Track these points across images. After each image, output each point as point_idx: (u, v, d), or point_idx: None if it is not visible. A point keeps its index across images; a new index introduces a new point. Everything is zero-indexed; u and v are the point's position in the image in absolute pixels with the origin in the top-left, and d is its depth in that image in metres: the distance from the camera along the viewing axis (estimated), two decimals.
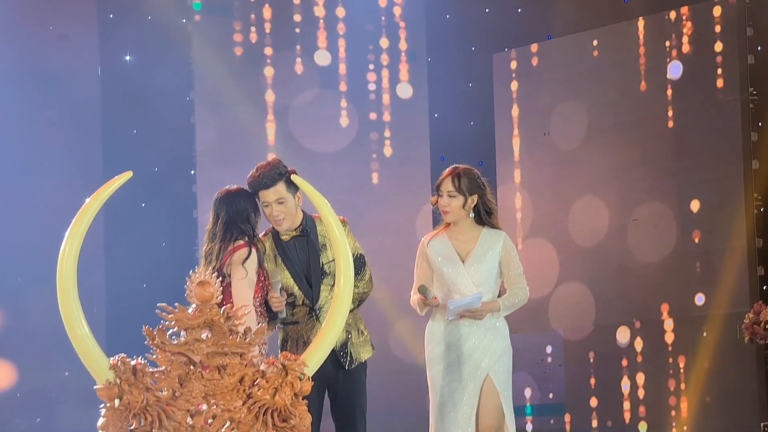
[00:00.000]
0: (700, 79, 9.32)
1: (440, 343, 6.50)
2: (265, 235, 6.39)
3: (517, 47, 10.30)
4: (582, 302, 9.81)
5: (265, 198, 6.22)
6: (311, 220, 6.36)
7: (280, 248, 6.30)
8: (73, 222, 5.03)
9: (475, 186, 6.50)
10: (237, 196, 6.11)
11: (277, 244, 6.31)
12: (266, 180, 6.20)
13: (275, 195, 6.21)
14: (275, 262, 6.29)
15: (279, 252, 6.29)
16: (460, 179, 6.48)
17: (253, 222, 6.09)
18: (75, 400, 8.96)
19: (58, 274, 4.95)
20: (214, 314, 4.93)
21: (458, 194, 6.48)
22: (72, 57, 9.48)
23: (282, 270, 6.29)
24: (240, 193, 6.12)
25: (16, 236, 9.18)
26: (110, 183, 5.14)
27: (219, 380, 4.89)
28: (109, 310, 9.28)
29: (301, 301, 6.28)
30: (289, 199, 6.24)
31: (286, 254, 6.28)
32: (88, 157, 9.43)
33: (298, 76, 10.09)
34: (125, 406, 4.81)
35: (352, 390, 6.32)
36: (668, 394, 9.36)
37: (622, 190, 9.68)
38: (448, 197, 6.49)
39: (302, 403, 5.00)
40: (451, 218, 6.52)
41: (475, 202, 6.51)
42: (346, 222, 6.35)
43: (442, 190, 6.51)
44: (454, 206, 6.49)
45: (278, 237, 6.31)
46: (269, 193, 6.20)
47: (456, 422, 6.41)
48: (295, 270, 6.28)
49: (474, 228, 6.56)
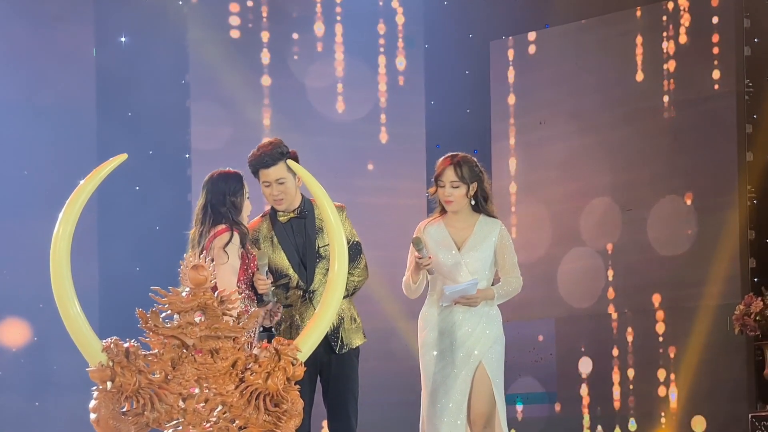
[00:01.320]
0: (696, 69, 9.32)
1: (434, 329, 6.51)
2: (262, 216, 6.40)
3: (515, 35, 10.29)
4: (574, 292, 9.82)
5: (266, 177, 6.23)
6: (309, 204, 6.36)
7: (277, 229, 6.30)
8: (66, 203, 5.02)
9: (474, 174, 6.51)
10: (220, 179, 6.07)
11: (274, 225, 6.31)
12: (267, 159, 6.21)
13: (276, 174, 6.22)
14: (271, 242, 6.30)
15: (276, 233, 6.29)
16: (461, 168, 6.47)
17: (238, 205, 6.04)
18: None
19: (52, 255, 4.94)
20: (208, 298, 4.93)
21: (461, 183, 6.47)
22: (67, 38, 9.45)
23: (278, 251, 6.29)
24: (223, 176, 6.08)
25: (9, 218, 9.16)
26: (105, 165, 5.14)
27: (212, 364, 4.89)
28: (102, 294, 9.27)
29: (296, 283, 6.29)
30: (290, 179, 6.25)
31: (283, 235, 6.29)
32: (82, 139, 9.41)
33: (294, 61, 10.07)
34: (117, 388, 4.81)
35: (345, 375, 6.33)
36: (658, 383, 9.37)
37: (616, 180, 9.68)
38: (451, 187, 6.47)
39: (294, 387, 5.00)
40: (455, 207, 6.51)
41: (475, 189, 6.51)
42: (344, 208, 6.36)
43: (443, 181, 6.49)
44: (458, 196, 6.48)
45: (276, 218, 6.31)
46: (270, 172, 6.22)
47: (447, 409, 6.42)
48: (291, 252, 6.28)
49: (471, 216, 6.56)
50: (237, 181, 6.08)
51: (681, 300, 9.32)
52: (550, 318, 9.90)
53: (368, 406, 6.86)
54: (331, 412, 6.38)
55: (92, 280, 9.23)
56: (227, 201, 6.00)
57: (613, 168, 9.70)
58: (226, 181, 6.06)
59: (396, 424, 9.12)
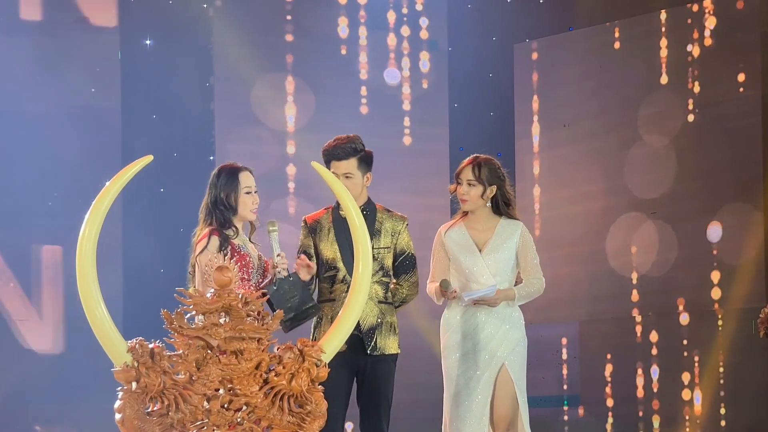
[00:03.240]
0: (721, 72, 9.29)
1: (456, 332, 6.51)
2: (326, 208, 6.47)
3: (539, 38, 10.28)
4: (598, 295, 9.80)
5: (335, 169, 6.31)
6: (373, 206, 6.45)
7: (336, 222, 6.38)
8: (92, 205, 5.05)
9: (494, 176, 6.51)
10: (218, 176, 6.05)
11: (335, 218, 6.39)
12: (339, 152, 6.32)
13: (344, 168, 6.31)
14: (328, 234, 6.36)
15: (334, 225, 6.36)
16: (480, 168, 6.49)
17: (233, 202, 5.98)
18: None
19: (78, 256, 4.96)
20: (232, 299, 4.94)
21: (477, 183, 6.49)
22: (92, 41, 9.50)
23: (332, 243, 6.35)
24: (221, 172, 6.06)
25: (36, 219, 9.21)
26: (130, 167, 5.16)
27: (236, 365, 4.90)
28: (127, 295, 9.31)
29: (342, 277, 6.33)
30: (357, 176, 6.35)
31: (340, 229, 6.36)
32: (107, 142, 9.45)
33: (318, 63, 10.09)
34: (142, 388, 4.82)
35: (380, 378, 6.37)
36: (682, 387, 9.35)
37: (640, 183, 9.66)
38: (467, 186, 6.50)
39: (318, 389, 5.01)
40: (468, 207, 6.53)
41: (494, 192, 6.52)
42: (405, 219, 6.48)
43: (461, 179, 6.52)
44: (472, 195, 6.50)
45: (337, 212, 6.39)
46: (339, 165, 6.31)
47: (470, 411, 6.42)
48: (344, 246, 6.34)
49: (491, 218, 6.56)
50: (232, 178, 6.02)
51: (705, 303, 9.29)
52: (573, 321, 9.88)
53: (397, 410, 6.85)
54: (364, 414, 6.41)
55: (117, 281, 9.27)
56: (221, 200, 6.01)
57: (636, 170, 9.68)
58: (222, 178, 6.04)
59: (421, 424, 9.12)
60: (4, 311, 9.27)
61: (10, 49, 9.22)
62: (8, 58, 9.23)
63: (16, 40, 9.25)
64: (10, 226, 9.20)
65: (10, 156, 9.23)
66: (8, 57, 9.23)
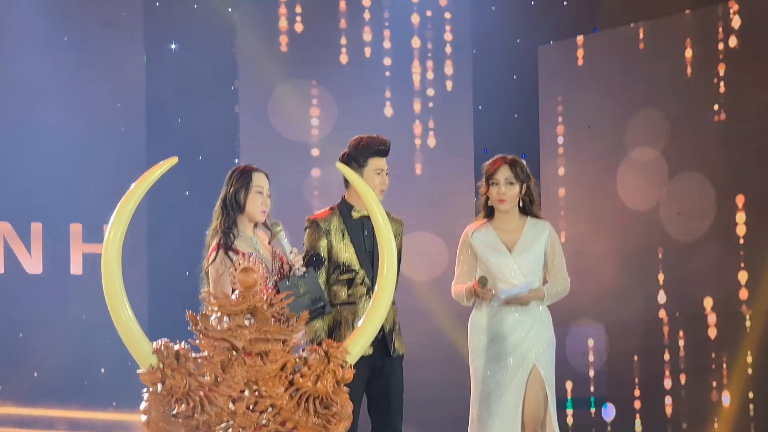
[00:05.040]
0: (747, 73, 9.24)
1: (484, 333, 6.49)
2: (331, 209, 6.44)
3: (563, 40, 10.26)
4: (624, 295, 9.76)
5: (380, 165, 6.31)
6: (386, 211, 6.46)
7: (349, 224, 6.35)
8: (118, 207, 5.05)
9: (526, 173, 6.50)
10: (231, 176, 6.04)
11: (346, 219, 6.36)
12: (387, 148, 6.33)
13: (385, 165, 6.33)
14: (342, 236, 6.34)
15: (347, 227, 6.33)
16: (516, 166, 6.46)
17: (240, 201, 5.93)
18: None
19: (103, 258, 4.97)
20: (257, 300, 4.94)
21: (516, 182, 6.46)
22: (117, 45, 9.53)
23: (348, 245, 6.33)
24: (234, 173, 6.06)
25: (62, 222, 9.24)
26: (155, 168, 5.16)
27: (261, 366, 4.89)
28: (152, 298, 9.33)
29: (361, 279, 6.32)
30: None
31: (355, 231, 6.34)
32: (132, 146, 9.48)
33: (343, 66, 10.09)
34: (168, 390, 4.82)
35: (398, 378, 6.38)
36: (711, 389, 9.30)
37: (666, 184, 9.62)
38: (506, 185, 6.45)
39: (344, 390, 5.00)
40: (507, 207, 6.47)
41: (525, 190, 6.50)
42: (402, 223, 6.46)
43: (498, 179, 6.46)
44: (511, 194, 6.46)
45: (348, 214, 6.36)
46: (383, 161, 6.32)
47: (502, 413, 6.39)
48: (361, 248, 6.32)
49: (518, 218, 6.54)
50: (245, 176, 5.98)
51: (733, 304, 9.24)
52: (601, 323, 9.85)
53: (415, 409, 6.86)
54: (380, 413, 6.40)
55: (142, 283, 9.29)
56: (230, 197, 5.99)
57: (662, 171, 9.65)
58: (235, 176, 6.00)
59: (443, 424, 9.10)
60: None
61: (36, 53, 9.26)
62: (34, 61, 9.26)
63: (41, 44, 9.28)
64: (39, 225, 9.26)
65: (36, 161, 9.27)
66: (34, 61, 9.27)
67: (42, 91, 9.25)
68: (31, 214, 9.32)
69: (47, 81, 9.24)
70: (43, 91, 9.25)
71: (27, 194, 9.26)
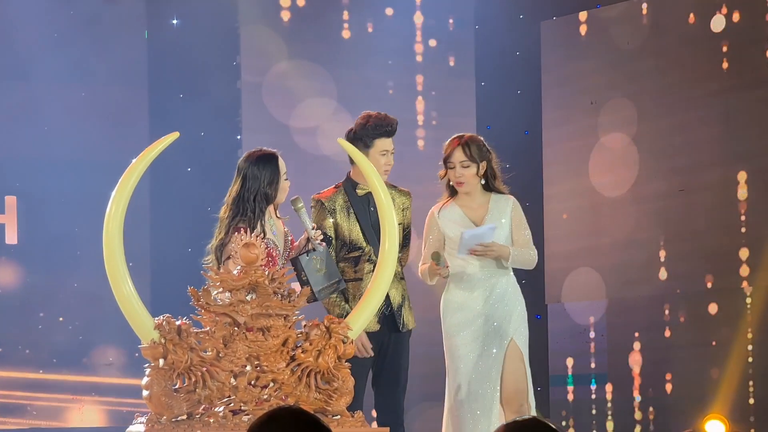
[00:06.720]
0: (750, 48, 9.22)
1: (457, 311, 6.51)
2: (336, 187, 6.46)
3: (566, 15, 10.23)
4: (625, 273, 9.77)
5: (386, 146, 6.34)
6: (390, 187, 6.46)
7: (354, 201, 6.37)
8: (119, 182, 5.06)
9: (483, 153, 6.54)
10: (258, 165, 5.91)
11: (351, 197, 6.38)
12: (393, 128, 6.35)
13: (392, 145, 6.38)
14: (347, 213, 6.36)
15: (352, 204, 6.35)
16: (470, 147, 6.50)
17: (271, 194, 5.87)
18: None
19: (105, 234, 4.98)
20: (259, 276, 4.95)
21: (471, 163, 6.50)
22: (119, 21, 9.51)
23: (353, 222, 6.36)
24: (261, 161, 5.93)
25: (62, 197, 9.25)
26: (156, 144, 5.18)
27: (263, 342, 4.91)
28: (154, 275, 9.34)
29: (368, 256, 6.34)
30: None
31: (360, 208, 6.37)
32: (134, 122, 9.47)
33: (345, 41, 10.07)
34: (169, 365, 4.84)
35: (404, 353, 6.44)
36: (711, 365, 9.31)
37: (670, 160, 9.61)
38: (461, 168, 6.50)
39: (345, 365, 5.02)
40: (466, 188, 6.54)
41: (485, 168, 6.53)
42: (410, 195, 6.50)
43: (453, 162, 6.52)
44: (468, 176, 6.51)
45: (353, 191, 6.38)
46: (390, 142, 6.35)
47: (483, 389, 6.41)
48: (367, 225, 6.35)
49: (483, 194, 6.60)
50: (273, 167, 5.92)
51: (734, 281, 9.24)
52: (602, 299, 9.86)
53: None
54: (384, 387, 6.44)
55: (144, 259, 9.30)
56: (260, 192, 5.88)
57: (665, 150, 9.63)
58: (264, 168, 5.91)
59: None
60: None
61: (36, 28, 9.25)
62: (34, 36, 9.25)
63: (42, 18, 9.27)
64: (39, 206, 9.25)
65: (36, 134, 9.26)
66: (34, 36, 9.25)
67: (41, 65, 9.23)
68: (36, 188, 9.31)
69: (47, 56, 9.23)
70: (42, 65, 9.23)
71: (31, 166, 9.25)
